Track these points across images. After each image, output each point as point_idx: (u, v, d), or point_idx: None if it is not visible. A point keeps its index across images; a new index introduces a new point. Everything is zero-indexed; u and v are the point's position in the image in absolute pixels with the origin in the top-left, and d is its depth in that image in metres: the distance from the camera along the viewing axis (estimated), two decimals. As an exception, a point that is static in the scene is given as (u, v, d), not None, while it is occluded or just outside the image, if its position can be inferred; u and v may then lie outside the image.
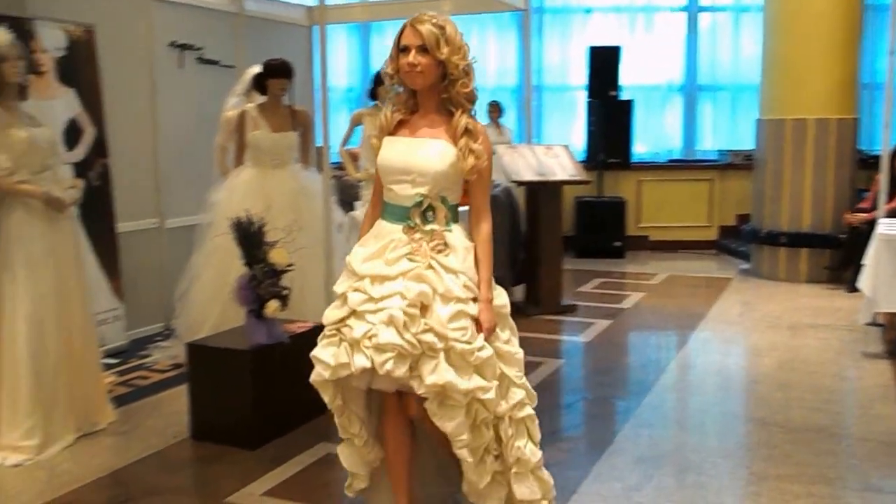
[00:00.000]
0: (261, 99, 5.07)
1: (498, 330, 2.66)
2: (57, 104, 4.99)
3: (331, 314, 2.66)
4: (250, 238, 3.92)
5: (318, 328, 4.22)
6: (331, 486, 3.47)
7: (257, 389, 3.87)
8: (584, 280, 7.88)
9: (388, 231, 2.67)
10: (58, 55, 5.02)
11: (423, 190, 2.61)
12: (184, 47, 6.05)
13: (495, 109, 8.83)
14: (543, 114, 10.07)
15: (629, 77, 9.48)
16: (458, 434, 2.55)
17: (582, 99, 9.71)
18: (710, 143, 9.95)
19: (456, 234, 2.65)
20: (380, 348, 2.50)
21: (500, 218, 6.57)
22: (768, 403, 4.42)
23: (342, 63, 10.27)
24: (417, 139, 2.67)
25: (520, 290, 6.74)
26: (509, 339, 2.72)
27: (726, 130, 9.86)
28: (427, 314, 2.54)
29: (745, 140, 9.16)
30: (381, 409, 2.80)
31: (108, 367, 4.91)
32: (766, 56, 7.91)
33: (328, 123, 4.72)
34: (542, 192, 6.50)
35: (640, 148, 9.89)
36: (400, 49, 2.61)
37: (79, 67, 5.15)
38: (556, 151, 6.85)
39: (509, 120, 9.59)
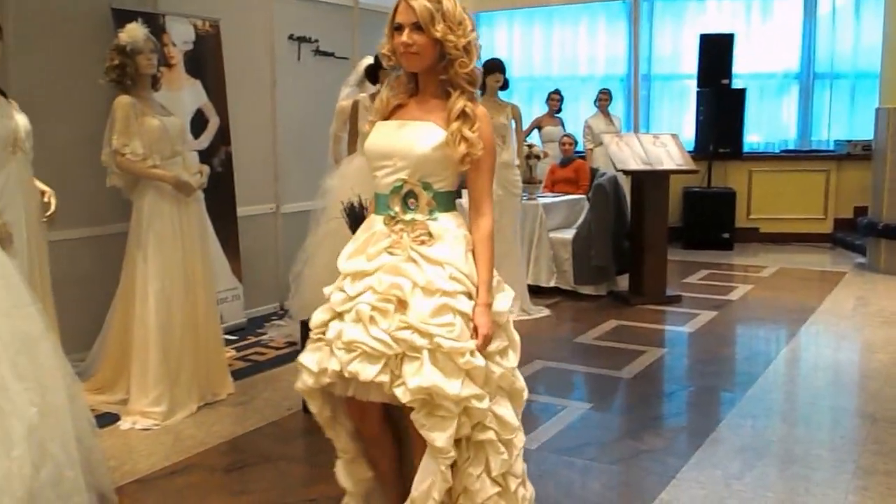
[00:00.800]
0: (373, 89, 5.24)
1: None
2: (185, 95, 5.30)
3: (316, 317, 2.41)
4: (360, 222, 4.08)
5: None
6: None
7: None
8: (690, 271, 7.79)
9: (374, 222, 2.44)
10: (186, 49, 5.33)
11: (402, 175, 2.36)
12: (301, 40, 6.32)
13: (606, 97, 8.75)
14: (652, 103, 9.95)
15: (742, 65, 9.27)
16: (448, 450, 2.24)
17: (692, 88, 9.55)
18: (826, 133, 9.63)
19: (443, 223, 2.36)
20: (346, 347, 2.26)
21: (604, 207, 6.60)
22: (879, 399, 4.31)
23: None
24: (404, 122, 2.43)
25: (624, 280, 6.74)
26: (500, 353, 2.37)
27: (844, 120, 9.52)
28: (404, 310, 2.26)
29: (863, 130, 8.83)
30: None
31: (228, 343, 5.18)
32: (886, 43, 7.61)
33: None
34: (649, 182, 6.47)
35: (753, 138, 9.66)
36: (394, 27, 2.35)
37: (205, 60, 5.46)
38: (663, 140, 6.81)
39: (617, 109, 9.53)
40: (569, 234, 6.81)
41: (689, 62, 9.54)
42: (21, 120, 3.64)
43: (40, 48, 4.49)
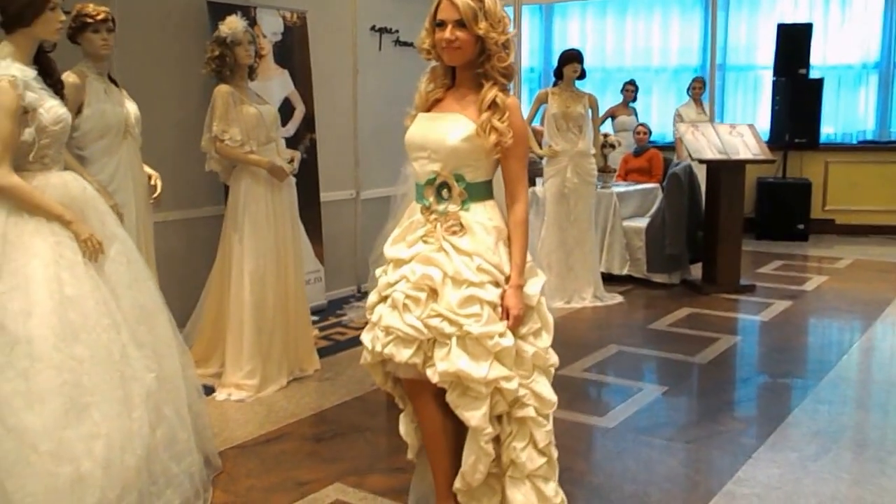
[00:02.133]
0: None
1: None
2: (274, 84, 5.53)
3: (370, 299, 2.61)
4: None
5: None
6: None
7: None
8: (763, 262, 7.77)
9: (415, 210, 2.57)
10: (275, 40, 5.56)
11: (436, 167, 2.48)
12: (382, 31, 6.50)
13: (700, 86, 8.41)
14: (726, 93, 9.89)
15: (819, 55, 9.16)
16: (483, 427, 2.39)
17: (767, 78, 9.47)
18: (906, 123, 9.45)
19: (476, 214, 2.46)
20: (384, 330, 2.46)
21: (678, 196, 6.64)
22: (958, 390, 4.32)
23: (524, 44, 10.51)
24: (438, 114, 2.54)
25: (697, 269, 6.78)
26: (533, 334, 2.49)
27: (925, 111, 9.33)
28: (436, 299, 2.40)
29: (947, 121, 8.65)
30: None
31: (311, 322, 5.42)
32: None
33: (522, 103, 4.97)
34: (724, 171, 6.49)
35: (829, 129, 9.54)
36: (436, 24, 2.45)
37: (292, 50, 5.68)
38: (740, 130, 6.81)
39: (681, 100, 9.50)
40: (642, 223, 6.87)
41: (764, 52, 9.46)
42: (131, 107, 3.89)
43: (141, 40, 4.74)
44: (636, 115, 8.79)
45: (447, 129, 2.46)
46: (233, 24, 4.28)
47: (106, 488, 2.61)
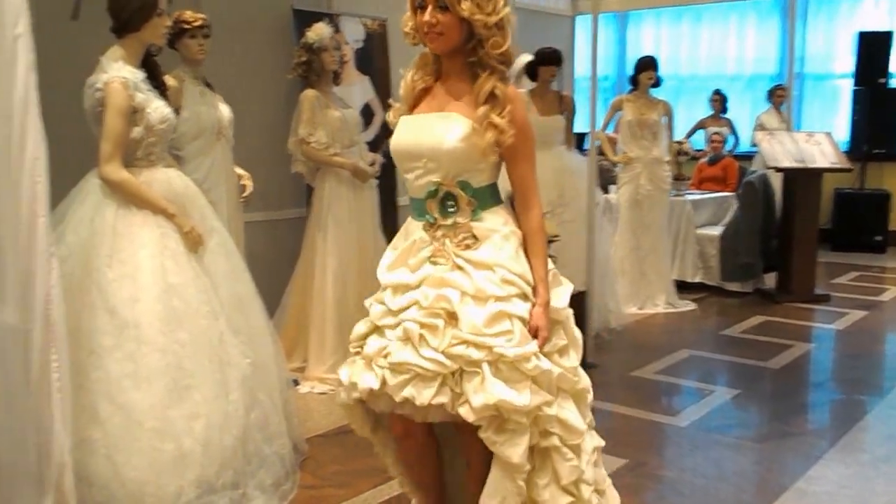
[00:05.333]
0: (530, 85, 5.50)
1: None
2: (355, 90, 5.71)
3: (356, 329, 2.25)
4: (522, 209, 4.36)
5: (578, 296, 4.64)
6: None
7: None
8: (839, 272, 7.66)
9: (414, 229, 2.22)
10: (357, 46, 5.75)
11: (435, 177, 2.14)
12: (458, 37, 6.64)
13: (782, 94, 7.98)
14: (804, 103, 9.77)
15: (901, 64, 8.98)
16: (524, 465, 2.05)
17: (846, 88, 9.32)
18: None
19: (489, 221, 2.15)
20: (395, 369, 2.06)
21: (753, 204, 6.62)
22: None
23: (599, 52, 10.53)
24: (428, 115, 2.19)
25: (771, 278, 6.74)
26: (559, 352, 2.17)
27: None
28: (456, 324, 2.05)
29: None
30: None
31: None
32: None
33: (595, 110, 5.06)
34: (800, 179, 6.45)
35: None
36: (417, 5, 2.13)
37: (373, 57, 5.86)
38: (818, 139, 6.75)
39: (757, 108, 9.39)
40: (716, 231, 6.87)
41: (843, 61, 9.31)
42: (224, 110, 4.10)
43: (230, 46, 4.95)
44: (731, 125, 8.65)
45: (441, 130, 2.12)
46: (319, 31, 4.46)
47: (205, 465, 2.78)
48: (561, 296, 2.22)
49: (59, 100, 2.72)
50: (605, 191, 6.31)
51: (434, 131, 2.13)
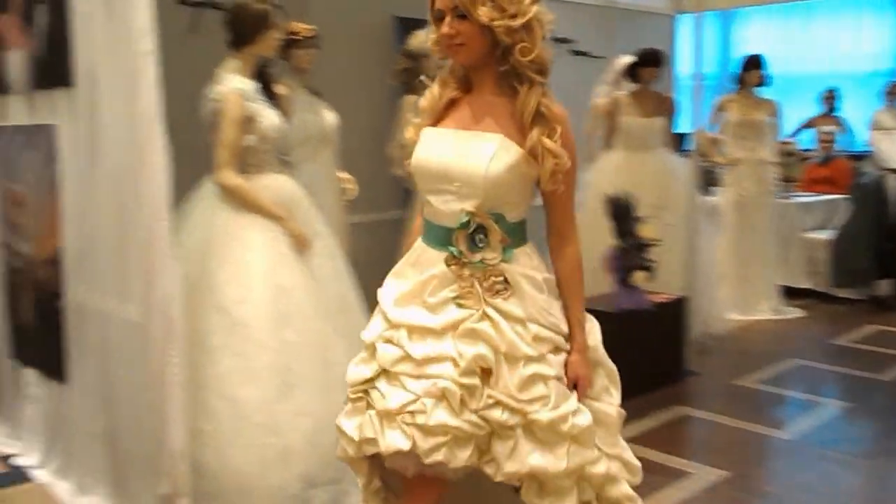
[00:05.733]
0: (631, 86, 5.45)
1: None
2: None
3: (355, 371, 1.96)
4: (622, 213, 4.34)
5: (679, 301, 4.58)
6: (686, 442, 3.79)
7: (622, 349, 4.23)
8: (960, 279, 7.27)
9: (429, 261, 1.92)
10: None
11: (468, 205, 1.85)
12: (560, 41, 6.62)
13: None
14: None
15: None
16: None
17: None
18: None
19: (520, 265, 1.90)
20: (428, 431, 1.80)
21: (866, 207, 6.37)
22: None
23: (701, 50, 10.32)
24: (464, 132, 1.90)
25: (885, 285, 6.46)
26: (605, 391, 2.01)
27: None
28: (491, 381, 1.83)
29: None
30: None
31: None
32: None
33: (699, 110, 4.99)
34: (919, 182, 6.17)
35: None
36: (436, 16, 1.87)
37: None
38: (938, 139, 6.45)
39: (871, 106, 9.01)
40: (825, 235, 6.63)
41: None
42: (330, 117, 4.22)
43: (333, 54, 5.06)
44: (844, 124, 8.36)
45: (482, 152, 1.84)
46: (421, 38, 4.53)
47: (309, 462, 2.88)
48: (592, 334, 2.02)
49: (180, 109, 2.87)
50: (708, 193, 6.18)
51: (472, 152, 1.85)
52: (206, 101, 3.05)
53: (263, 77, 3.21)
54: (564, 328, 1.93)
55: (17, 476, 3.32)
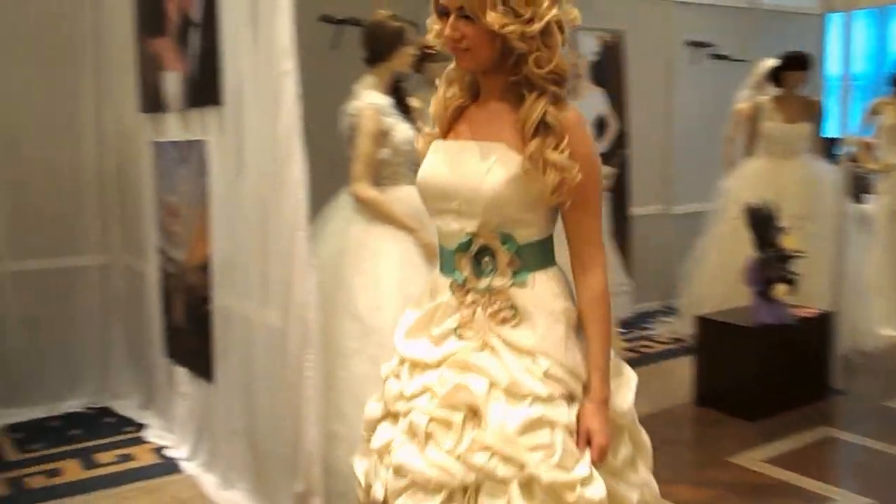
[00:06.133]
0: (774, 90, 5.25)
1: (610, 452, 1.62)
2: (588, 102, 5.74)
3: (368, 409, 1.80)
4: (763, 223, 4.19)
5: (825, 316, 4.37)
6: (830, 466, 3.62)
7: (761, 365, 4.12)
8: None
9: (439, 288, 1.72)
10: (591, 59, 5.78)
11: (469, 226, 1.63)
12: (698, 45, 6.47)
13: None
14: None
15: None
16: None
17: None
18: None
19: (536, 291, 1.63)
20: (397, 470, 1.61)
21: None
22: None
23: (853, 50, 9.80)
24: (466, 143, 1.67)
25: None
26: (630, 466, 1.69)
27: None
28: (479, 422, 1.56)
29: None
30: None
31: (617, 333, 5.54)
32: None
33: (847, 114, 4.76)
34: None
35: None
36: (439, 11, 1.63)
37: (608, 69, 5.87)
38: None
39: None
40: None
41: None
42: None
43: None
44: None
45: (480, 166, 1.61)
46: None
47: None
48: (624, 392, 1.68)
49: (321, 123, 3.01)
50: (859, 201, 5.87)
51: (472, 166, 1.62)
52: (344, 115, 3.18)
53: (398, 91, 3.30)
54: (584, 374, 1.63)
55: (170, 467, 3.55)
